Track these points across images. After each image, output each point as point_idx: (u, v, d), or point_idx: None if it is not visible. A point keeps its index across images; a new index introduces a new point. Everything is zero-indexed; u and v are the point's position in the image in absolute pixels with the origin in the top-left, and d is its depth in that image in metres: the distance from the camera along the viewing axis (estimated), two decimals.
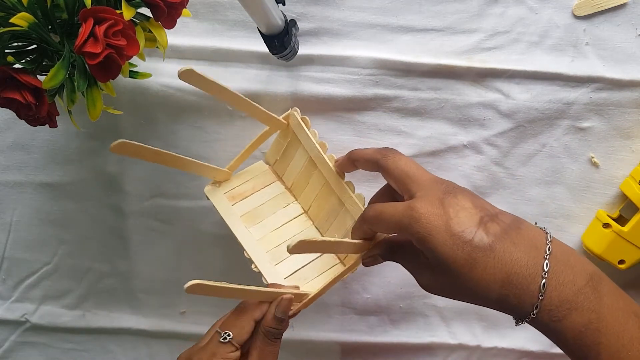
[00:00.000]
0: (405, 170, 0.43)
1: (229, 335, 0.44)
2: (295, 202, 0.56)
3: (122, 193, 0.59)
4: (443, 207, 0.39)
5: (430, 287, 0.41)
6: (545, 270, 0.36)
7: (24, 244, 0.61)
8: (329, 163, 0.51)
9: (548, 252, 0.37)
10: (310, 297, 0.47)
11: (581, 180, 0.57)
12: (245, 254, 0.52)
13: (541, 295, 0.36)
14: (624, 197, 0.56)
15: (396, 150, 0.46)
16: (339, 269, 0.51)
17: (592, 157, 0.57)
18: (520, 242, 0.38)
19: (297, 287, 0.48)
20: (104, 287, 0.62)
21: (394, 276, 0.60)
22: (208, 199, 0.54)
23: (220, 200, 0.54)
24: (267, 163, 0.57)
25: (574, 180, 0.57)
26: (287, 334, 0.57)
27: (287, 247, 0.36)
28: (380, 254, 0.46)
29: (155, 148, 0.45)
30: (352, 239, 0.46)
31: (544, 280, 0.36)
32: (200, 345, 0.46)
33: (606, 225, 0.55)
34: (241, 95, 0.47)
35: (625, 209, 0.56)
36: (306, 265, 0.52)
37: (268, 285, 0.49)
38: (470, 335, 0.61)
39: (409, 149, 0.57)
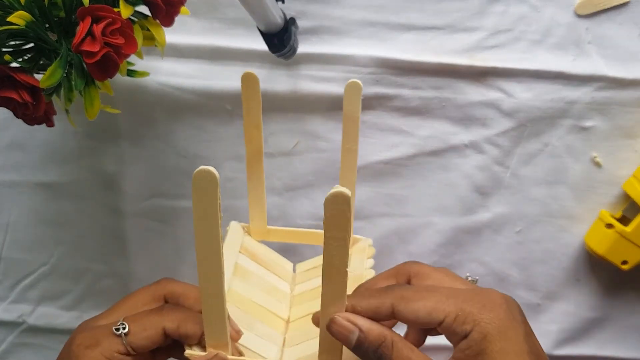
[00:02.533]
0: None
1: (124, 327, 0.34)
2: (286, 306, 0.46)
3: (121, 193, 0.59)
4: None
5: None
6: None
7: (21, 245, 0.61)
8: None
9: None
10: None
11: (584, 180, 0.57)
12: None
13: None
14: (627, 197, 0.56)
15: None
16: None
17: (595, 157, 0.56)
18: None
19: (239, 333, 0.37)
20: (101, 288, 0.62)
21: None
22: (227, 231, 0.49)
23: (235, 239, 0.48)
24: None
25: (577, 180, 0.57)
26: None
27: None
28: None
29: None
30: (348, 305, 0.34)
31: None
32: (100, 322, 0.36)
33: (609, 226, 0.55)
34: None
35: (628, 209, 0.56)
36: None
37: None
38: None
39: (410, 149, 0.56)
